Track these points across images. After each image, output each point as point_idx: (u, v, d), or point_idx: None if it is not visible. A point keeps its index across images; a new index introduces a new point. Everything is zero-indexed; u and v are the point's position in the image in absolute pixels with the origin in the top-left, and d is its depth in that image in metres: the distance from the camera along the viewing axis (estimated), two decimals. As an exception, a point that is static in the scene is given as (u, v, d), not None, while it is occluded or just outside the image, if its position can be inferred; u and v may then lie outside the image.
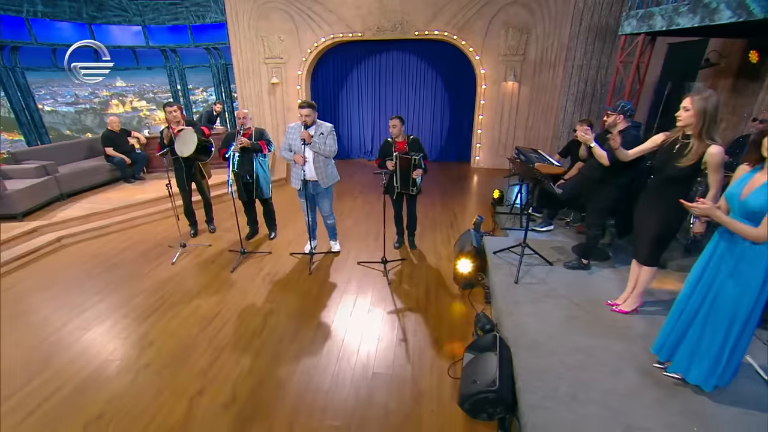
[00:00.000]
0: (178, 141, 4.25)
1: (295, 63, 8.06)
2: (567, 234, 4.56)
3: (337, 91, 8.65)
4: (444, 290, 3.77)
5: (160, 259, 4.37)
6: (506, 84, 7.62)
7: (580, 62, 7.03)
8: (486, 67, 7.56)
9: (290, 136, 3.87)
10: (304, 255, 4.39)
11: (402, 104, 8.61)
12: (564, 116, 7.62)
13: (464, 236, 4.35)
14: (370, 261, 4.25)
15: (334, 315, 3.38)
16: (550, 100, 7.57)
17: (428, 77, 8.28)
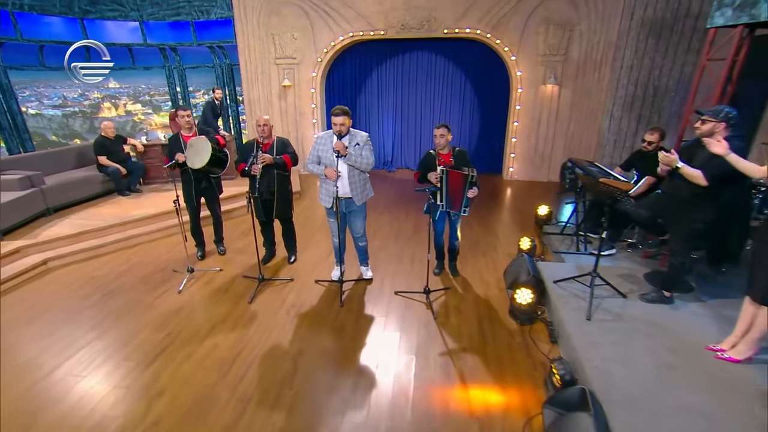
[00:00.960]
0: (189, 150, 4.10)
1: (309, 64, 7.99)
2: (632, 259, 4.33)
3: (354, 95, 8.58)
4: (499, 326, 3.55)
5: (164, 285, 4.17)
6: (545, 87, 7.49)
7: (630, 62, 6.89)
8: (522, 68, 7.44)
9: (320, 148, 3.72)
10: (332, 283, 4.20)
11: (427, 110, 8.51)
12: (610, 123, 7.45)
13: (517, 262, 4.14)
14: (409, 291, 4.03)
15: (376, 357, 3.14)
16: (594, 104, 7.42)
17: (456, 80, 8.19)
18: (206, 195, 4.53)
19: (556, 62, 7.29)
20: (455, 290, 4.12)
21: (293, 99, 8.24)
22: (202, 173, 4.28)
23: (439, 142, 3.84)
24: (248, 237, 5.35)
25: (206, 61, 9.23)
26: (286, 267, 4.57)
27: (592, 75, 7.23)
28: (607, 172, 4.34)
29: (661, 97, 6.99)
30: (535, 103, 7.64)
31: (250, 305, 3.81)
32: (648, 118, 7.20)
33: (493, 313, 3.74)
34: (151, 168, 6.87)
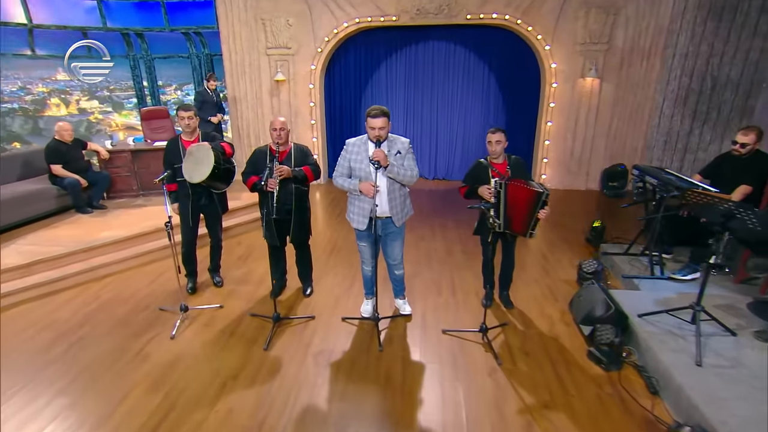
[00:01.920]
0: (188, 160, 3.80)
1: (306, 55, 7.78)
2: (720, 284, 4.16)
3: (359, 91, 8.42)
4: (579, 371, 3.32)
5: (151, 329, 3.81)
6: (584, 81, 7.41)
7: (685, 49, 6.86)
8: (558, 60, 7.36)
9: (353, 157, 3.52)
10: (364, 321, 3.93)
11: (444, 109, 8.40)
12: (660, 120, 7.41)
13: (586, 292, 3.93)
14: (460, 329, 3.79)
15: (440, 419, 2.84)
16: (641, 100, 7.36)
17: (478, 74, 8.11)
18: (206, 214, 4.27)
19: (598, 52, 7.23)
20: (513, 326, 3.91)
21: (287, 96, 8.00)
22: (202, 187, 4.01)
23: (494, 149, 3.67)
24: (248, 263, 5.09)
25: (180, 51, 8.92)
26: (301, 301, 4.28)
27: (639, 66, 7.19)
28: (688, 180, 4.17)
29: (721, 90, 6.97)
30: (572, 99, 7.55)
31: (266, 352, 3.51)
32: (705, 114, 7.17)
33: (567, 355, 3.51)
34: (118, 179, 6.52)
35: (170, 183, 4.08)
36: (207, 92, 7.41)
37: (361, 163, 3.49)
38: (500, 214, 3.62)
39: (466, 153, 8.59)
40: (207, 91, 7.42)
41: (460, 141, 8.54)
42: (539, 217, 3.50)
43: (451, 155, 8.64)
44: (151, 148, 6.56)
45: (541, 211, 3.47)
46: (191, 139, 4.08)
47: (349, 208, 3.73)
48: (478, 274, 4.62)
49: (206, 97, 7.39)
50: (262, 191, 3.74)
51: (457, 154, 8.59)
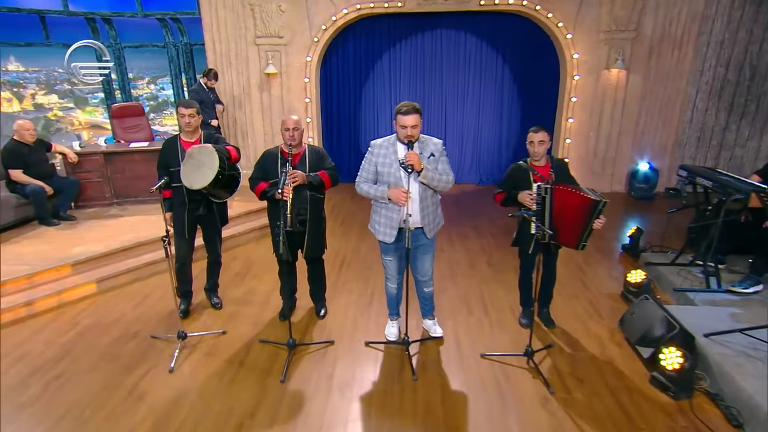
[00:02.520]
0: (188, 163, 3.62)
1: (300, 45, 7.63)
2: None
3: (358, 85, 8.33)
4: (645, 400, 3.22)
5: (145, 362, 3.60)
6: (609, 73, 7.41)
7: (721, 37, 6.92)
8: (580, 50, 7.35)
9: (380, 160, 3.43)
10: (391, 345, 3.81)
11: (453, 106, 8.36)
12: (693, 115, 7.47)
13: (641, 309, 3.85)
14: (501, 353, 3.69)
15: (498, 463, 2.69)
16: (672, 93, 7.39)
17: (492, 66, 8.08)
18: (204, 225, 4.11)
19: (624, 40, 7.23)
20: (559, 348, 3.82)
21: (279, 91, 7.83)
22: (201, 195, 3.84)
23: (537, 150, 3.61)
24: (247, 281, 4.92)
25: (155, 39, 8.65)
26: (316, 324, 4.13)
27: (670, 55, 7.21)
28: (747, 181, 4.12)
29: (761, 80, 7.02)
30: (596, 93, 7.54)
31: (284, 385, 3.34)
32: (743, 107, 7.24)
33: (626, 381, 3.41)
34: (89, 186, 6.28)
35: (165, 189, 3.89)
36: (204, 90, 7.04)
37: (389, 167, 3.38)
38: (545, 222, 3.51)
39: (477, 153, 8.53)
40: (204, 88, 7.04)
41: (471, 140, 8.48)
42: (594, 228, 3.41)
43: (462, 155, 8.57)
44: (126, 150, 6.32)
45: (597, 221, 3.38)
46: (192, 140, 3.90)
47: (374, 217, 3.62)
48: (509, 289, 4.61)
49: (203, 95, 6.96)
50: (273, 200, 3.61)
51: (468, 154, 8.52)
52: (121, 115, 7.26)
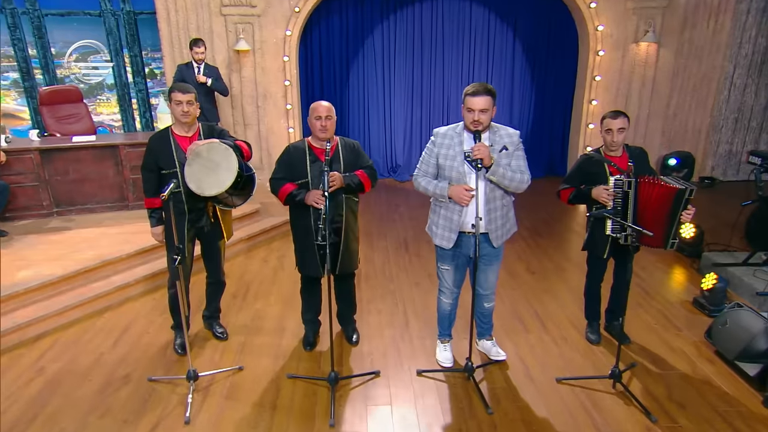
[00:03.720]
0: (195, 164, 3.37)
1: (278, 16, 7.41)
2: None
3: (345, 65, 8.22)
4: (765, 427, 3.20)
5: (147, 413, 3.30)
6: (637, 47, 7.58)
7: (763, 3, 7.16)
8: (605, 21, 7.48)
9: (442, 151, 3.37)
10: (448, 372, 3.71)
11: (456, 89, 8.35)
12: (729, 94, 7.73)
13: (734, 318, 3.86)
14: (579, 377, 3.65)
15: None
16: (707, 69, 7.64)
17: (501, 42, 8.14)
18: (206, 240, 3.85)
19: (655, 9, 7.43)
20: (644, 367, 3.80)
21: (252, 72, 7.58)
22: (203, 202, 3.61)
23: (616, 139, 3.58)
24: (249, 303, 4.72)
25: (87, 6, 8.11)
26: (349, 352, 3.98)
27: (706, 27, 7.46)
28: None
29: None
30: (622, 71, 7.72)
31: (335, 430, 3.15)
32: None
33: (734, 404, 3.39)
34: (20, 192, 5.81)
35: (153, 196, 3.63)
36: (192, 68, 6.61)
37: (453, 160, 3.30)
38: (631, 220, 3.48)
39: (485, 144, 8.54)
40: (193, 66, 6.61)
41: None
42: (683, 221, 3.42)
43: (468, 146, 8.56)
44: (69, 146, 5.88)
45: (685, 212, 3.38)
46: (189, 135, 3.62)
47: (432, 218, 3.55)
48: (562, 301, 4.71)
49: (188, 75, 6.49)
50: (301, 205, 3.46)
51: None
52: (53, 101, 6.81)
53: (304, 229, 3.55)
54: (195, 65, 6.66)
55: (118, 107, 8.52)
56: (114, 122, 8.74)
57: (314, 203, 3.34)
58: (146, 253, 5.08)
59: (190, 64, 6.68)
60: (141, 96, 8.46)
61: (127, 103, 8.42)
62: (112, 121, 8.75)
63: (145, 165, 3.62)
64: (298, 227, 3.61)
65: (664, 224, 3.41)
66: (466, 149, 3.24)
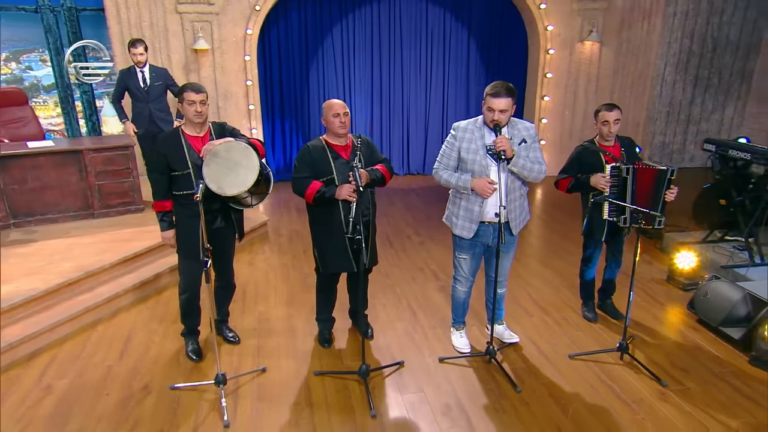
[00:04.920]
0: (213, 164, 3.30)
1: (237, 14, 7.28)
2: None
3: (305, 63, 8.16)
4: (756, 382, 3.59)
5: (181, 421, 3.21)
6: (583, 46, 8.09)
7: (686, 7, 7.86)
8: (554, 21, 7.91)
9: (464, 145, 3.50)
10: (468, 357, 3.88)
11: (416, 87, 8.56)
12: (662, 89, 8.40)
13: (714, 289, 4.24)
14: (589, 352, 3.90)
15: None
16: (642, 67, 8.26)
17: (456, 42, 8.39)
18: (219, 241, 3.73)
19: (597, 11, 7.96)
20: (642, 340, 4.12)
21: (212, 72, 7.40)
22: (219, 203, 3.54)
23: (612, 130, 3.87)
24: (249, 306, 4.67)
25: (21, 1, 7.56)
26: (367, 345, 4.05)
27: (640, 27, 8.07)
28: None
29: (721, 53, 8.13)
30: (570, 68, 8.20)
31: (379, 420, 3.22)
32: (707, 80, 8.31)
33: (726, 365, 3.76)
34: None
35: (163, 199, 3.55)
36: (135, 73, 5.99)
37: (475, 153, 3.44)
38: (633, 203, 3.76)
39: (442, 138, 8.69)
40: (135, 71, 5.99)
41: (437, 126, 8.74)
42: (667, 200, 3.71)
43: (427, 144, 8.79)
44: (26, 152, 5.48)
45: (668, 192, 3.68)
46: (201, 135, 3.54)
47: (451, 209, 3.68)
48: (553, 285, 5.04)
49: (132, 83, 5.96)
50: (329, 203, 3.49)
51: (434, 142, 8.73)
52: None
53: (329, 227, 3.57)
54: (137, 69, 5.97)
55: (60, 110, 8.00)
56: (53, 126, 8.20)
57: (348, 197, 3.38)
58: (129, 262, 4.90)
59: (132, 68, 5.99)
60: (86, 98, 7.99)
61: (70, 105, 7.92)
62: (51, 126, 8.21)
63: (153, 167, 3.51)
64: (324, 225, 3.61)
65: (652, 205, 3.68)
66: (487, 143, 3.40)
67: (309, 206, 3.64)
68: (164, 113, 6.09)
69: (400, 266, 5.39)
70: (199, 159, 3.40)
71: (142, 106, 6.01)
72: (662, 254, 5.55)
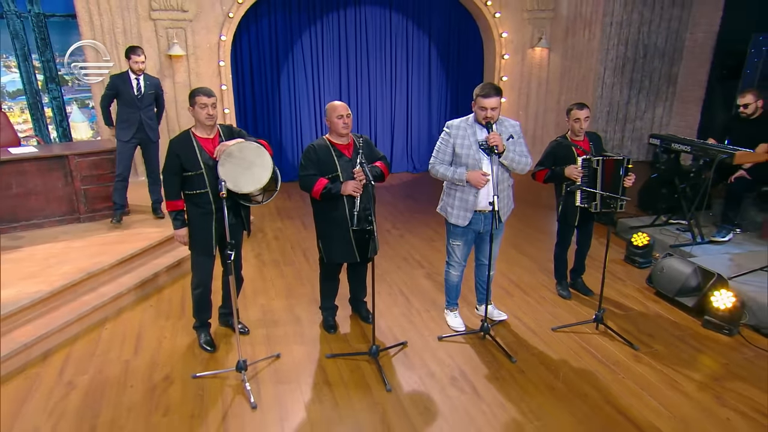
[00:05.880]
0: (228, 164, 3.40)
1: (210, 21, 7.25)
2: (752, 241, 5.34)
3: (276, 68, 8.20)
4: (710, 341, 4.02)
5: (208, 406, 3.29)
6: (533, 51, 8.52)
7: (620, 17, 8.46)
8: (507, 29, 8.31)
9: (458, 142, 3.73)
10: (464, 335, 4.13)
11: (381, 90, 8.76)
12: (602, 91, 8.98)
13: (669, 265, 4.67)
14: (569, 324, 4.23)
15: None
16: (585, 71, 8.80)
17: (418, 47, 8.65)
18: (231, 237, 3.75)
19: (545, 20, 8.42)
20: (611, 312, 4.47)
21: (186, 78, 7.33)
22: (232, 201, 3.62)
23: (583, 126, 4.22)
24: (251, 300, 4.72)
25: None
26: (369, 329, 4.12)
27: (582, 35, 8.59)
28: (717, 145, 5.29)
29: (651, 58, 8.80)
30: (523, 72, 8.62)
31: (393, 393, 3.42)
32: (639, 83, 8.96)
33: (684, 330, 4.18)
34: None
35: (176, 199, 3.61)
36: (128, 80, 5.59)
37: (468, 148, 3.67)
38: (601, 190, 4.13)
39: (409, 140, 9.06)
40: (130, 77, 5.59)
41: (402, 127, 8.96)
42: (626, 185, 4.12)
43: (393, 144, 9.00)
44: (10, 158, 5.33)
45: (626, 178, 4.08)
46: (210, 136, 3.60)
47: (446, 200, 3.88)
48: (527, 268, 5.37)
49: (124, 89, 5.58)
50: (334, 198, 3.64)
51: (399, 142, 8.98)
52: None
53: (334, 220, 3.72)
54: (133, 76, 5.60)
55: (26, 116, 7.72)
56: (20, 133, 7.88)
57: (353, 192, 3.56)
58: (126, 263, 4.88)
59: (125, 75, 5.61)
60: (56, 104, 7.74)
61: (39, 111, 7.66)
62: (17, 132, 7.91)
63: (168, 168, 3.56)
64: (329, 219, 3.75)
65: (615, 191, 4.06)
66: (480, 139, 3.65)
67: (314, 201, 3.76)
68: (153, 121, 5.83)
69: (385, 257, 5.57)
70: (211, 160, 3.50)
71: (132, 113, 5.61)
72: (617, 238, 5.96)
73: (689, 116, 9.24)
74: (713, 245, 5.31)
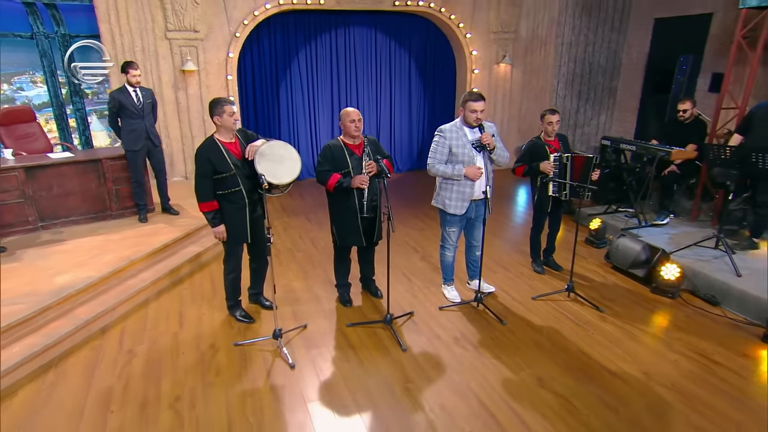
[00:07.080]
0: (264, 162, 3.55)
1: (219, 40, 7.31)
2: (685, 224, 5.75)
3: (275, 82, 8.26)
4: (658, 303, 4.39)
5: (254, 365, 3.48)
6: (499, 67, 8.86)
7: (569, 39, 8.87)
8: (477, 47, 8.62)
9: (453, 142, 3.94)
10: (461, 305, 4.40)
11: (368, 102, 8.92)
12: (556, 100, 9.38)
13: (623, 243, 5.01)
14: (546, 294, 4.55)
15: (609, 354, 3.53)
16: (542, 83, 9.18)
17: (399, 64, 8.85)
18: (257, 227, 3.91)
19: (508, 40, 8.75)
20: (577, 283, 4.73)
21: (198, 90, 7.37)
22: (258, 195, 3.76)
23: (555, 129, 4.55)
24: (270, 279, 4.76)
25: (18, 28, 7.18)
26: (379, 303, 4.45)
27: (539, 53, 8.96)
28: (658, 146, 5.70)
29: (595, 74, 9.24)
30: (490, 84, 8.94)
31: (407, 353, 3.66)
32: (586, 94, 9.38)
33: (638, 295, 4.55)
34: (5, 209, 5.16)
35: (210, 200, 3.66)
36: (127, 92, 5.42)
37: (463, 147, 3.92)
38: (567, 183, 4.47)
39: (392, 145, 9.23)
40: (128, 90, 5.42)
41: (387, 134, 9.15)
42: (593, 179, 4.45)
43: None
44: (52, 162, 5.33)
45: (593, 173, 4.42)
46: (232, 141, 3.69)
47: (443, 194, 4.10)
48: (504, 250, 5.65)
49: (127, 102, 5.40)
50: (345, 190, 3.83)
51: (383, 143, 9.11)
52: (9, 121, 6.02)
53: (345, 210, 3.91)
54: (131, 89, 5.41)
55: (51, 126, 7.66)
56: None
57: (360, 185, 3.76)
58: (159, 252, 4.96)
59: (124, 89, 5.40)
60: (80, 115, 7.71)
61: (64, 122, 7.62)
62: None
63: (203, 173, 3.58)
64: (342, 209, 3.94)
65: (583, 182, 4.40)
66: (471, 138, 3.91)
67: (329, 193, 3.93)
68: (153, 128, 5.69)
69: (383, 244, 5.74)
70: (239, 161, 3.62)
71: (138, 123, 5.49)
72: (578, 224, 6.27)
73: (627, 122, 9.72)
74: (655, 228, 5.71)
